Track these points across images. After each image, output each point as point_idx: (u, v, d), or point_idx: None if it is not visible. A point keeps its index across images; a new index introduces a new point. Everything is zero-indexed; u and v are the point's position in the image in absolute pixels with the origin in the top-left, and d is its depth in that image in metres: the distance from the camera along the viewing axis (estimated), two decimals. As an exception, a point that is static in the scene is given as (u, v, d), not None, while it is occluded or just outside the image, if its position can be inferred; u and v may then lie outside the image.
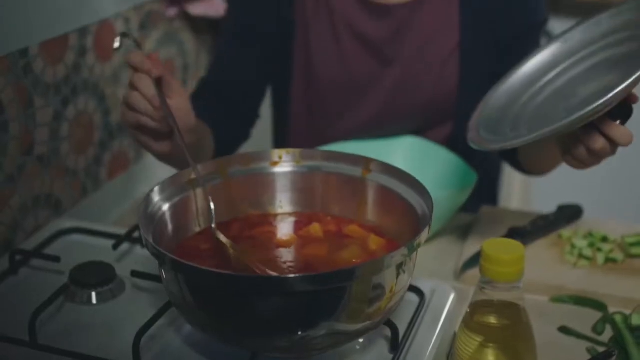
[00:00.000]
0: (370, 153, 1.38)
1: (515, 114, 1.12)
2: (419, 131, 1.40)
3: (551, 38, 1.20)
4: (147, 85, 1.02)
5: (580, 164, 1.07)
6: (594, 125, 1.01)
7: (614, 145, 1.02)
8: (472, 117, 1.13)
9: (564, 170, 1.24)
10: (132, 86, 1.04)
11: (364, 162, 1.05)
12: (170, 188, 0.99)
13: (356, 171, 1.06)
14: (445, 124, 1.40)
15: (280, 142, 1.49)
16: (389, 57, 1.33)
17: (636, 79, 0.94)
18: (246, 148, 1.41)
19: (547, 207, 1.40)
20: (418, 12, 1.30)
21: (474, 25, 1.29)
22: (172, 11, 1.58)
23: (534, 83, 1.16)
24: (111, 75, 1.43)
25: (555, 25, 2.86)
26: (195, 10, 1.60)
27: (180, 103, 1.07)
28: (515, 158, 1.36)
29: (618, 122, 1.01)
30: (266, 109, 1.48)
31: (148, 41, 1.54)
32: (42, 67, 1.25)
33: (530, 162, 1.34)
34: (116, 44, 1.02)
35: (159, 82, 1.03)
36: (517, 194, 2.38)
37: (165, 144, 1.09)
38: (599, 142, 1.01)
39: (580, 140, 1.03)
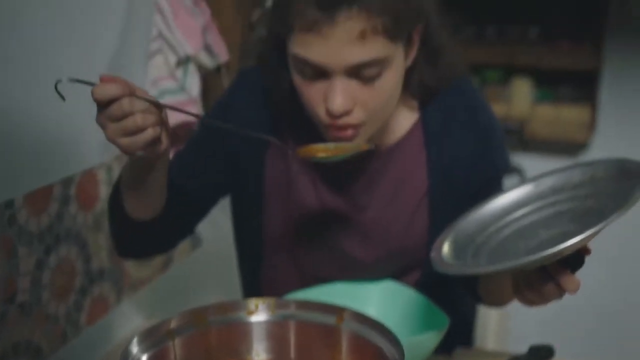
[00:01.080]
0: (346, 296, 1.42)
1: (479, 243, 1.18)
2: (392, 275, 1.45)
3: (526, 180, 1.27)
4: (138, 103, 1.00)
5: (529, 302, 1.13)
6: (547, 269, 1.07)
7: (561, 290, 1.08)
8: (440, 236, 1.18)
9: (541, 308, 1.28)
10: (124, 114, 1.00)
11: (338, 311, 1.08)
12: (149, 339, 1.01)
13: (330, 320, 1.09)
14: (417, 269, 1.44)
15: (250, 276, 1.51)
16: (362, 204, 1.38)
17: (590, 234, 1.00)
18: (215, 292, 1.45)
19: (524, 346, 1.43)
20: (388, 162, 1.36)
21: (441, 175, 1.35)
22: (154, 159, 1.64)
23: (503, 217, 1.22)
24: (93, 223, 1.47)
25: (525, 162, 2.99)
26: (176, 158, 1.66)
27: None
28: (474, 287, 1.40)
29: (569, 270, 1.07)
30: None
31: (130, 188, 1.59)
32: (26, 218, 1.30)
33: (487, 292, 1.39)
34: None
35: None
36: (493, 334, 2.41)
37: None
38: (549, 286, 1.07)
39: (531, 281, 1.08)
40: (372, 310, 1.41)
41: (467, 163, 1.34)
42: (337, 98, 1.13)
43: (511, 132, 2.81)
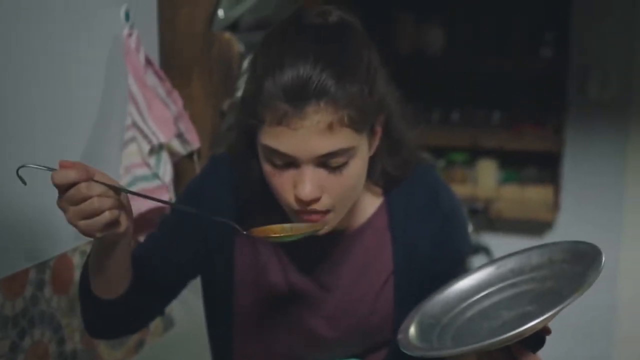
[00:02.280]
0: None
1: (444, 324, 1.23)
2: (359, 354, 1.49)
3: (488, 262, 1.34)
4: (96, 187, 1.05)
5: None
6: (510, 349, 1.12)
7: None
8: (406, 319, 1.22)
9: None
10: (82, 198, 1.05)
11: None
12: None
13: None
14: (384, 347, 1.49)
15: (221, 358, 1.54)
16: (329, 285, 1.44)
17: (549, 316, 1.07)
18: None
19: None
20: (354, 244, 1.42)
21: (406, 256, 1.41)
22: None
23: (466, 299, 1.27)
24: (67, 307, 1.51)
25: (492, 241, 3.07)
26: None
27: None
28: None
29: (530, 350, 1.13)
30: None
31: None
32: (2, 302, 1.34)
33: None
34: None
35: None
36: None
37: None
38: None
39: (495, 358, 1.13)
40: (337, 389, 1.45)
41: (430, 245, 1.40)
42: (307, 186, 1.18)
43: (477, 212, 2.91)
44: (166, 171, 1.70)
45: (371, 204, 1.42)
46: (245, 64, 2.00)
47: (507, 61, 3.09)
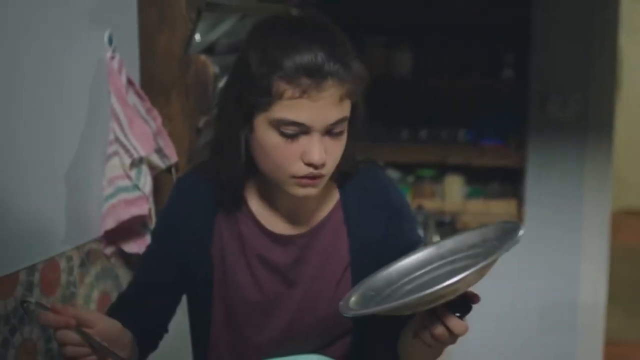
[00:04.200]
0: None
1: (385, 295, 1.34)
2: (322, 346, 1.60)
3: (431, 244, 1.44)
4: (72, 337, 1.24)
5: (427, 346, 1.29)
6: (437, 314, 1.24)
7: (452, 334, 1.25)
8: (350, 291, 1.35)
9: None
10: (61, 342, 1.25)
11: None
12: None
13: None
14: (345, 339, 1.61)
15: (201, 351, 1.67)
16: (293, 280, 1.55)
17: (461, 278, 1.16)
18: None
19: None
20: (314, 240, 1.55)
21: (361, 248, 1.52)
22: (110, 249, 1.83)
23: (408, 275, 1.39)
24: (54, 307, 1.64)
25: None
26: (130, 248, 1.85)
27: (104, 329, 1.29)
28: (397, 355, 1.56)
29: (457, 314, 1.24)
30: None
31: (87, 276, 1.76)
32: (-6, 301, 1.46)
33: (404, 355, 1.55)
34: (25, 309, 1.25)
35: (79, 324, 1.24)
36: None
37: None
38: (439, 329, 1.24)
39: (425, 326, 1.27)
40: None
41: (383, 237, 1.51)
42: (318, 152, 1.34)
43: (444, 225, 3.04)
44: (146, 183, 1.83)
45: (328, 200, 1.55)
46: (220, 84, 2.14)
47: (471, 83, 3.24)
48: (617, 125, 7.67)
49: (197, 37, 2.05)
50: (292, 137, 1.35)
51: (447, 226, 3.06)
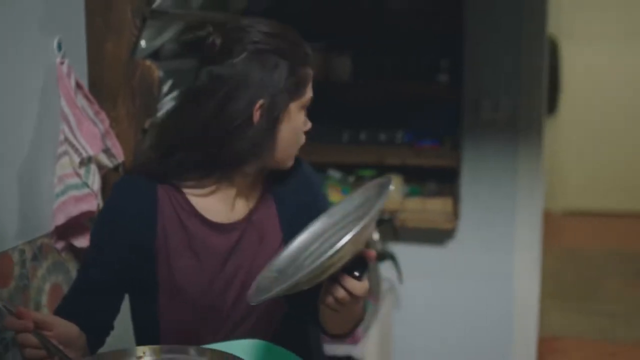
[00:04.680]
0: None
1: (290, 274, 1.41)
2: (267, 322, 1.67)
3: (322, 214, 1.52)
4: (31, 340, 1.33)
5: (332, 309, 1.39)
6: (337, 278, 1.33)
7: (353, 296, 1.35)
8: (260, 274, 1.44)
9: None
10: (21, 345, 1.35)
11: (208, 352, 1.37)
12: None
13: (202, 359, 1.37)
14: (281, 310, 1.71)
15: (145, 342, 1.76)
16: (235, 263, 1.64)
17: (343, 245, 1.23)
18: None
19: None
20: (250, 224, 1.65)
21: (289, 223, 1.65)
22: (60, 244, 1.93)
23: (307, 249, 1.48)
24: (7, 297, 1.72)
25: (398, 249, 3.34)
26: (80, 243, 1.95)
27: (61, 332, 1.39)
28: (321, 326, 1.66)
29: (356, 275, 1.33)
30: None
31: (39, 269, 1.86)
32: (-49, 291, 1.56)
33: (325, 324, 1.63)
34: None
35: (37, 326, 1.34)
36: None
37: None
38: (339, 292, 1.35)
39: (328, 291, 1.37)
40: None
41: (306, 210, 1.64)
42: None
43: (384, 222, 3.17)
44: (95, 181, 1.93)
45: (259, 188, 1.67)
46: (165, 88, 2.24)
47: (407, 86, 3.37)
48: (559, 129, 7.97)
49: (143, 43, 2.14)
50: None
51: (386, 223, 3.19)
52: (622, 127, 7.97)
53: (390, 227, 3.22)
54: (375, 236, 3.09)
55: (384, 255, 3.18)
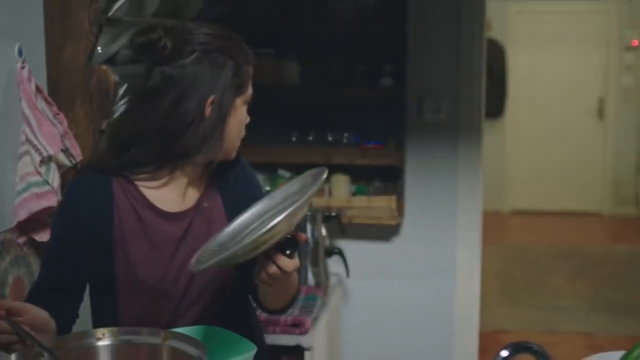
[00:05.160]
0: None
1: (229, 249, 1.49)
2: (219, 302, 1.77)
3: (264, 197, 1.67)
4: (3, 326, 1.40)
5: (266, 284, 1.54)
6: (269, 255, 1.48)
7: (284, 271, 1.50)
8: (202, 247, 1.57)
9: None
10: None
11: (163, 333, 1.48)
12: (24, 357, 1.38)
13: (157, 340, 1.47)
14: (229, 294, 1.81)
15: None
16: (186, 249, 1.73)
17: (277, 222, 1.38)
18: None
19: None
20: (198, 211, 1.76)
21: (233, 212, 1.73)
22: (22, 239, 2.03)
23: (248, 227, 1.60)
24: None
25: (346, 245, 3.47)
26: (41, 237, 2.05)
27: (32, 318, 1.47)
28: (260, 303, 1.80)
29: (287, 252, 1.47)
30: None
31: (2, 263, 1.96)
32: None
33: (263, 300, 1.77)
34: None
35: (9, 313, 1.42)
36: None
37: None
38: (271, 268, 1.50)
39: (262, 267, 1.51)
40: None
41: (244, 199, 1.75)
42: None
43: (332, 218, 3.30)
44: (54, 178, 2.04)
45: (204, 178, 1.79)
46: (120, 91, 2.35)
47: (353, 89, 3.50)
48: (506, 131, 8.17)
49: (99, 49, 2.23)
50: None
51: (333, 219, 3.32)
52: (563, 130, 8.23)
53: (338, 224, 3.35)
54: (323, 231, 3.23)
55: (332, 251, 3.30)
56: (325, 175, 1.52)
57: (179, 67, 1.65)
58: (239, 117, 1.72)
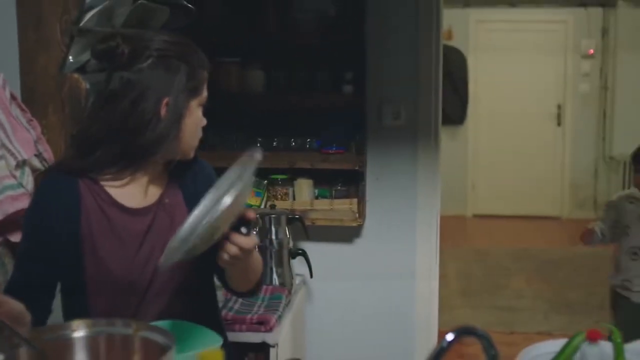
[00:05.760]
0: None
1: (192, 241, 1.58)
2: (185, 295, 1.86)
3: (210, 189, 1.73)
4: None
5: (228, 263, 1.64)
6: (228, 237, 1.58)
7: (243, 249, 1.60)
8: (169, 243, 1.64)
9: None
10: None
11: (134, 324, 1.56)
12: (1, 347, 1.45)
13: (129, 331, 1.55)
14: (192, 286, 1.89)
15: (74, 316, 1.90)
16: (150, 242, 1.83)
17: (222, 212, 1.48)
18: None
19: None
20: (160, 207, 1.86)
21: (194, 204, 1.77)
22: (-3, 240, 2.11)
23: (204, 218, 1.63)
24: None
25: (309, 246, 3.56)
26: (16, 238, 2.12)
27: (9, 310, 1.51)
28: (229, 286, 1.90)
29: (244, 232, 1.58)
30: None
31: (-22, 262, 2.04)
32: None
33: (230, 283, 1.87)
34: None
35: None
36: None
37: None
38: (232, 249, 1.60)
39: (223, 249, 1.61)
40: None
41: (202, 189, 1.80)
42: None
43: (295, 220, 3.38)
44: (28, 182, 2.12)
45: (165, 176, 1.89)
46: (91, 99, 2.42)
47: (316, 96, 3.56)
48: (468, 138, 8.31)
49: (70, 58, 2.26)
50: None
51: (297, 222, 3.40)
52: (523, 136, 8.39)
53: (302, 226, 3.43)
54: (288, 234, 3.32)
55: (296, 252, 3.38)
56: (260, 154, 1.63)
57: (136, 72, 1.75)
58: (195, 119, 1.81)
